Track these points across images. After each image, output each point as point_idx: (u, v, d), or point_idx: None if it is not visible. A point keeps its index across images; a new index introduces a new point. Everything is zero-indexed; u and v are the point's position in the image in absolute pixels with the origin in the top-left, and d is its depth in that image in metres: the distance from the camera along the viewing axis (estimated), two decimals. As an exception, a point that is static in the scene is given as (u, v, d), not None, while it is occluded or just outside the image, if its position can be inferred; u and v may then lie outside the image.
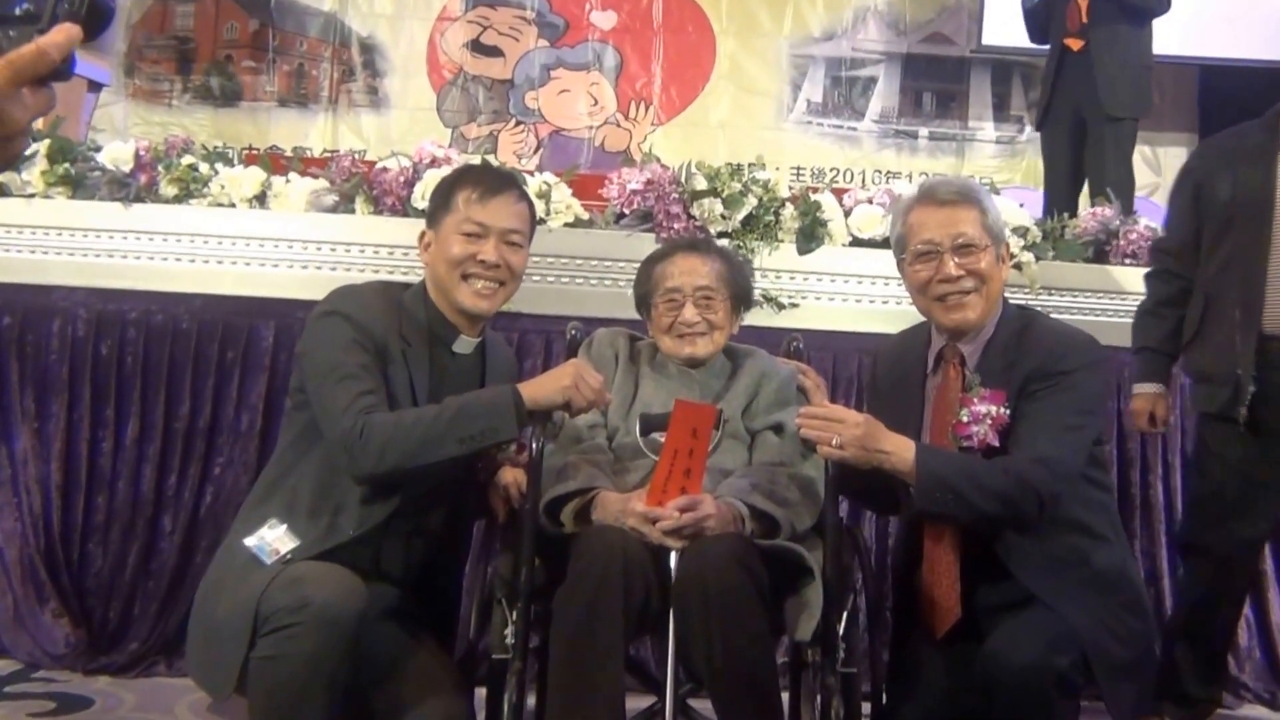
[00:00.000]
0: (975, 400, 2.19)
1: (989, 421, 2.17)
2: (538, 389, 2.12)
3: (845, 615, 2.14)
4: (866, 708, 2.25)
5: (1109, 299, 3.48)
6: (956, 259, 2.23)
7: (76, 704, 2.88)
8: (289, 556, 2.05)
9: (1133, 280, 3.48)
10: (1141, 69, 4.73)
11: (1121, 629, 2.15)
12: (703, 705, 2.23)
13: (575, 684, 1.97)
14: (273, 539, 2.08)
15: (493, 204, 2.23)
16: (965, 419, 2.18)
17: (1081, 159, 4.78)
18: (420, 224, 2.36)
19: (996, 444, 2.17)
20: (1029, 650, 2.01)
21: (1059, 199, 4.58)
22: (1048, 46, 4.92)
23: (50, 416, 3.25)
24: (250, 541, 2.09)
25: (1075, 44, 4.71)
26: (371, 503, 2.11)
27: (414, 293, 2.29)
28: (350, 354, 2.12)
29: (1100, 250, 3.54)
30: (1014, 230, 3.37)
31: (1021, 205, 3.61)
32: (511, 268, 2.24)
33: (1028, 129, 6.72)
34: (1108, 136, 4.64)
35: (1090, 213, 3.64)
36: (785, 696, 2.23)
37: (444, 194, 2.28)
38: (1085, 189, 4.77)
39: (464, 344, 2.27)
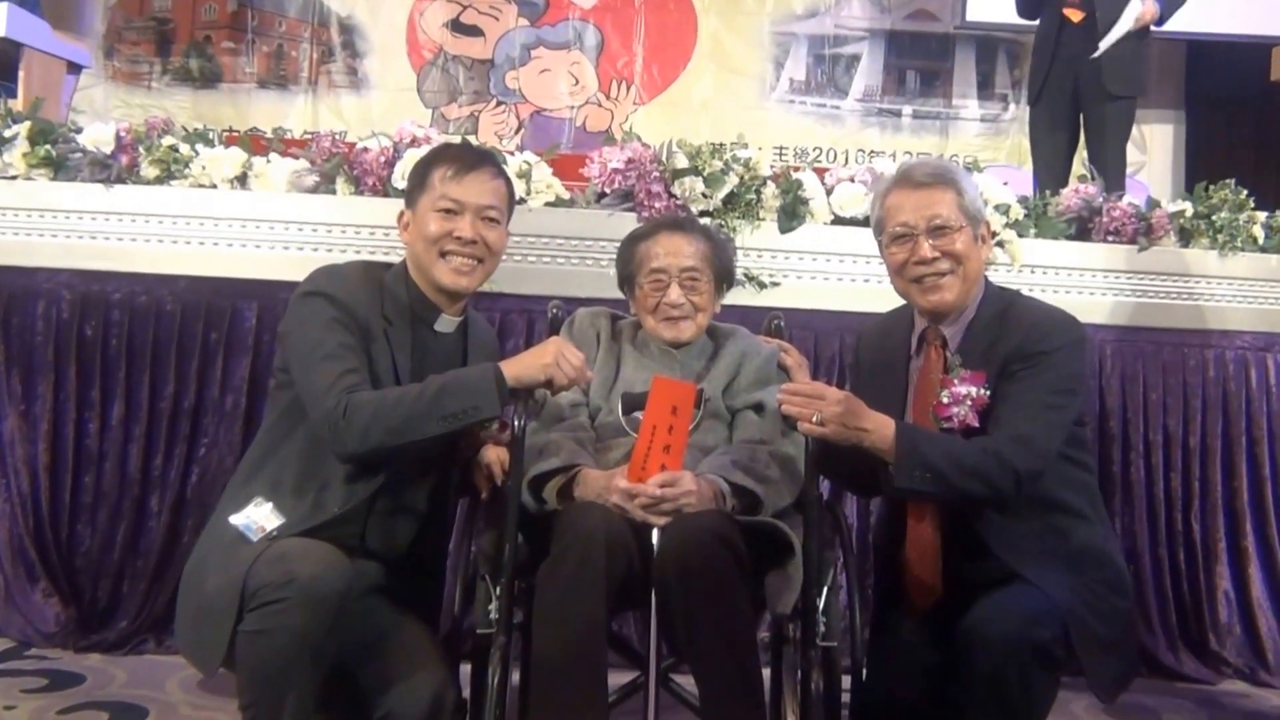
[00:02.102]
0: (956, 381, 2.20)
1: (969, 403, 2.18)
2: (520, 367, 2.14)
3: (825, 590, 2.16)
4: (846, 682, 2.27)
5: (1092, 276, 3.50)
6: (931, 241, 2.25)
7: (68, 681, 2.92)
8: (275, 534, 2.07)
9: (1115, 257, 3.51)
10: (1142, 46, 4.65)
11: (1103, 606, 2.17)
12: (685, 679, 2.26)
13: (559, 658, 1.99)
14: (258, 517, 2.10)
15: (468, 180, 2.24)
16: (946, 400, 2.20)
17: (1076, 136, 4.70)
18: (400, 204, 2.36)
19: (976, 425, 2.19)
20: (1010, 622, 2.03)
21: (1052, 176, 4.51)
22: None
23: (37, 398, 3.26)
24: (236, 519, 2.10)
25: (1075, 15, 4.57)
26: (355, 481, 2.13)
27: (395, 272, 2.29)
28: (332, 333, 2.13)
29: (1083, 228, 3.55)
30: (996, 208, 3.38)
31: (1005, 184, 3.62)
32: (489, 244, 2.25)
33: (1012, 107, 6.73)
34: (1109, 115, 4.56)
35: (1073, 190, 3.63)
36: (766, 671, 2.25)
37: (420, 173, 2.29)
38: (1071, 167, 4.76)
39: (446, 323, 2.29)
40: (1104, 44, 4.47)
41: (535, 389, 2.17)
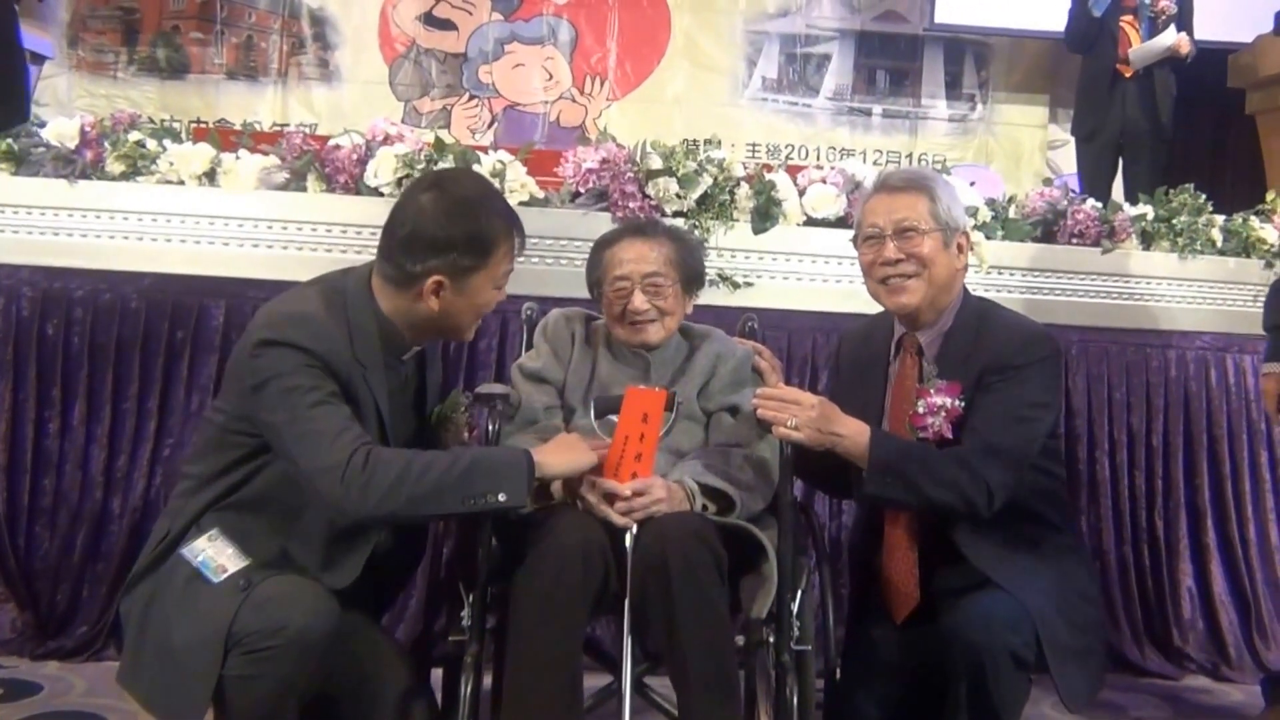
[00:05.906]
0: (931, 392, 2.22)
1: (944, 414, 2.20)
2: (552, 460, 2.05)
3: (799, 593, 2.16)
4: (819, 683, 2.28)
5: (1057, 278, 3.54)
6: (897, 243, 2.27)
7: (25, 690, 2.84)
8: (244, 583, 1.93)
9: (1080, 260, 3.55)
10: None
11: (1075, 615, 2.19)
12: (658, 682, 2.25)
13: (535, 665, 1.99)
14: (216, 554, 1.97)
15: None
16: (921, 410, 2.21)
17: (1115, 174, 5.44)
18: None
19: (950, 436, 2.20)
20: (984, 626, 2.05)
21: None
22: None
23: (-5, 397, 3.20)
24: (190, 554, 1.98)
25: (1128, 71, 5.35)
26: (343, 553, 2.02)
27: (359, 304, 2.08)
28: (318, 381, 1.96)
29: (1048, 230, 3.60)
30: (964, 210, 3.40)
31: (973, 184, 3.65)
32: None
33: (979, 107, 6.81)
34: (1160, 155, 5.35)
35: (1038, 193, 3.71)
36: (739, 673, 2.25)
37: (480, 247, 2.04)
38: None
39: (410, 352, 2.17)
40: (1137, 58, 5.32)
41: (509, 399, 2.14)
